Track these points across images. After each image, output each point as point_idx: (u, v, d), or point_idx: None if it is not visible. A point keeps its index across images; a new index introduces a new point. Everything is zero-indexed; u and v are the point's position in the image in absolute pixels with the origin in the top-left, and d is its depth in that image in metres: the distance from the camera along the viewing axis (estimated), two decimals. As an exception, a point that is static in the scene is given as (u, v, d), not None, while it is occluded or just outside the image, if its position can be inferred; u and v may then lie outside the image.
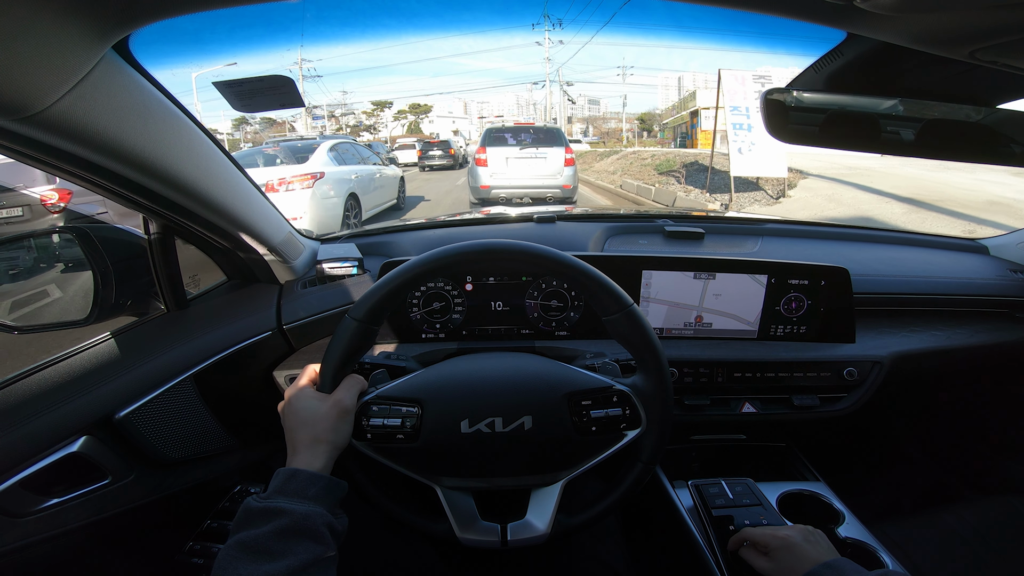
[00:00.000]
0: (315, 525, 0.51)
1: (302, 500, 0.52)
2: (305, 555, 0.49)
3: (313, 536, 0.51)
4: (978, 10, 0.41)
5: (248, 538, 0.49)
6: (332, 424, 0.59)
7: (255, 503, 0.52)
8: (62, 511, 0.73)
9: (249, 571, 0.47)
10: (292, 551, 0.49)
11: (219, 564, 0.48)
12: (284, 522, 0.50)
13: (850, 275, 1.03)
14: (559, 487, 0.66)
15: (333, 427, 0.59)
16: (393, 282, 0.61)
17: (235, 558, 0.48)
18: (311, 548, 0.50)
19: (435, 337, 1.01)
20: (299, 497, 0.53)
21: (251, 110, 0.70)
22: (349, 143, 7.81)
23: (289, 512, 0.50)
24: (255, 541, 0.49)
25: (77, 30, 0.45)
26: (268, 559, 0.48)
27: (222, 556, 0.49)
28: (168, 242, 0.87)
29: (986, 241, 1.40)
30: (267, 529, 0.49)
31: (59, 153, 0.58)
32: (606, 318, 0.64)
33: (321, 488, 0.54)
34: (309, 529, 0.51)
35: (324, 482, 0.55)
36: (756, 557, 0.71)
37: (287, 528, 0.50)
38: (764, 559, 0.69)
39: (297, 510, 0.51)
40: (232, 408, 0.93)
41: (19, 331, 0.90)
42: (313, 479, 0.55)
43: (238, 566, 0.47)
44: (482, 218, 1.54)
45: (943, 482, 1.39)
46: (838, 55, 0.63)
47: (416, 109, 56.89)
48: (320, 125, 37.84)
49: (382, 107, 53.62)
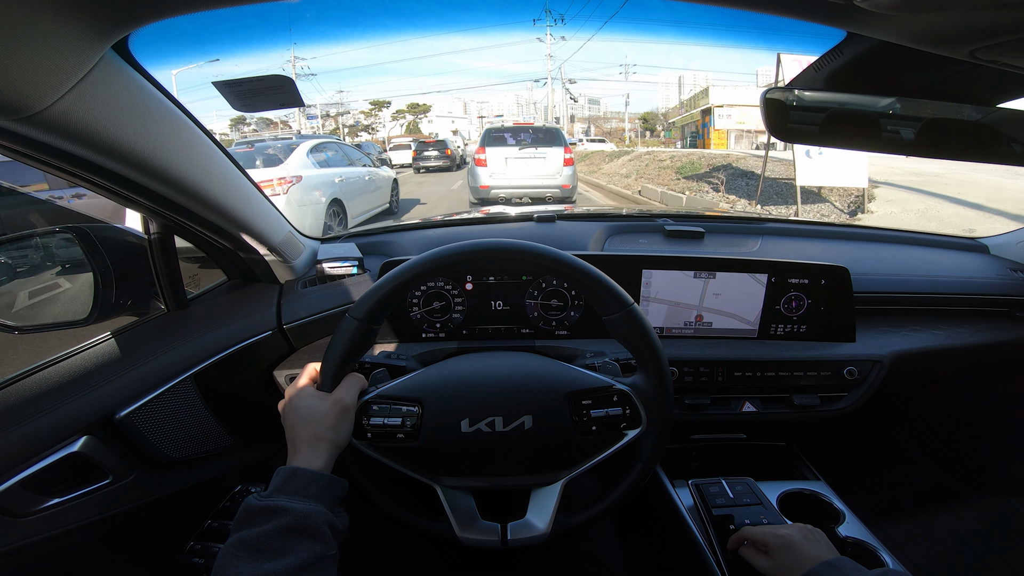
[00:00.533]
0: (316, 524, 0.51)
1: (303, 499, 0.53)
2: (306, 554, 0.49)
3: (314, 535, 0.51)
4: (978, 9, 0.41)
5: (249, 537, 0.49)
6: (332, 423, 0.59)
7: (256, 502, 0.52)
8: (62, 511, 0.73)
9: (250, 570, 0.47)
10: (293, 550, 0.49)
11: (220, 563, 0.48)
12: (285, 521, 0.50)
13: (850, 274, 1.03)
14: (559, 487, 0.66)
15: (333, 426, 0.59)
16: (394, 281, 0.61)
17: (236, 556, 0.48)
18: (312, 547, 0.50)
19: (435, 337, 1.01)
20: (300, 496, 0.53)
21: (251, 110, 0.70)
22: (334, 143, 7.31)
23: (290, 511, 0.51)
24: (256, 540, 0.49)
25: (77, 30, 0.45)
26: (269, 558, 0.48)
27: (223, 555, 0.49)
28: (168, 242, 0.87)
29: (986, 240, 1.40)
30: (268, 528, 0.49)
31: (59, 153, 0.57)
32: (606, 318, 0.64)
33: (322, 487, 0.55)
34: (310, 528, 0.51)
35: (325, 481, 0.55)
36: (756, 556, 0.71)
37: (288, 527, 0.50)
38: (764, 558, 0.69)
39: (298, 509, 0.51)
40: (232, 408, 0.93)
41: (19, 331, 0.90)
42: (314, 478, 0.55)
43: (239, 564, 0.47)
44: (482, 218, 1.54)
45: (943, 481, 1.39)
46: (838, 54, 0.63)
47: (415, 109, 56.02)
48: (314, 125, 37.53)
49: (380, 107, 52.82)
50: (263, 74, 0.66)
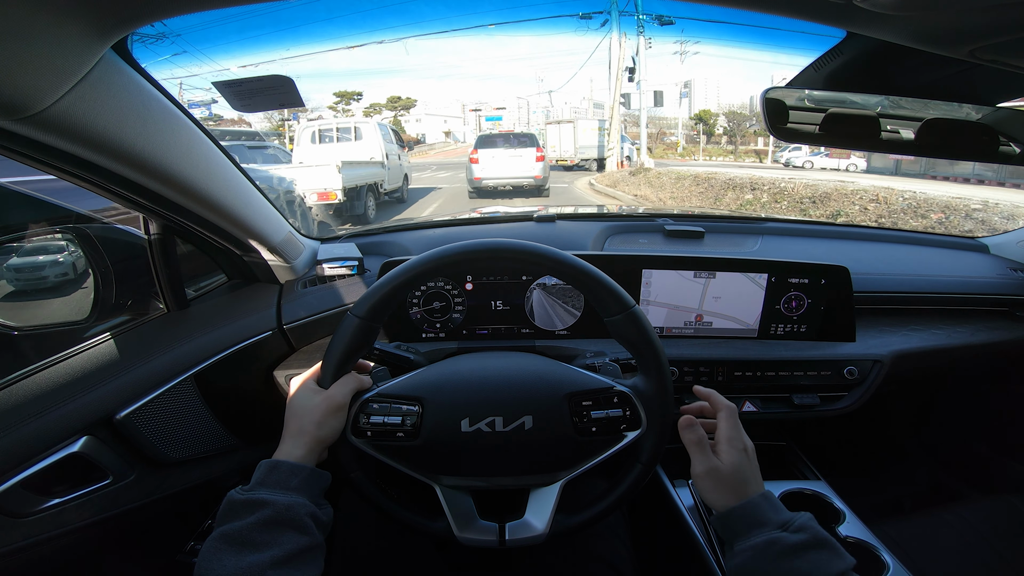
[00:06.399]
0: (298, 515, 0.51)
1: (284, 491, 0.53)
2: (289, 545, 0.49)
3: (296, 527, 0.51)
4: (978, 9, 0.41)
5: (231, 530, 0.49)
6: (319, 418, 0.59)
7: (238, 495, 0.52)
8: (63, 511, 0.73)
9: (234, 563, 0.47)
10: (276, 542, 0.49)
11: (203, 557, 0.48)
12: (267, 513, 0.50)
13: (850, 274, 1.03)
14: (558, 487, 0.66)
15: (319, 421, 0.59)
16: (395, 280, 0.61)
17: (219, 550, 0.48)
18: (295, 539, 0.50)
19: (435, 336, 1.01)
20: (281, 488, 0.53)
21: (250, 110, 0.71)
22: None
23: (272, 503, 0.51)
24: (238, 533, 0.49)
25: (77, 30, 0.45)
26: (252, 550, 0.48)
27: (206, 549, 0.49)
28: (168, 242, 0.87)
29: (986, 240, 1.40)
30: (250, 520, 0.50)
31: (59, 153, 0.58)
32: (608, 319, 0.64)
33: (303, 479, 0.55)
34: (292, 520, 0.51)
35: (306, 473, 0.55)
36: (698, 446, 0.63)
37: (270, 519, 0.50)
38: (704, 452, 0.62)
39: (280, 501, 0.51)
40: (232, 408, 0.93)
41: (19, 331, 0.90)
42: (295, 470, 0.55)
43: (223, 558, 0.47)
44: (482, 218, 1.54)
45: (943, 481, 1.39)
46: (838, 54, 0.63)
47: (395, 103, 46.42)
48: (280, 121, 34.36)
49: (348, 99, 43.22)
50: (263, 75, 0.66)
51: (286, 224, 1.02)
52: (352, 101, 44.06)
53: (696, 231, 1.26)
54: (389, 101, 47.43)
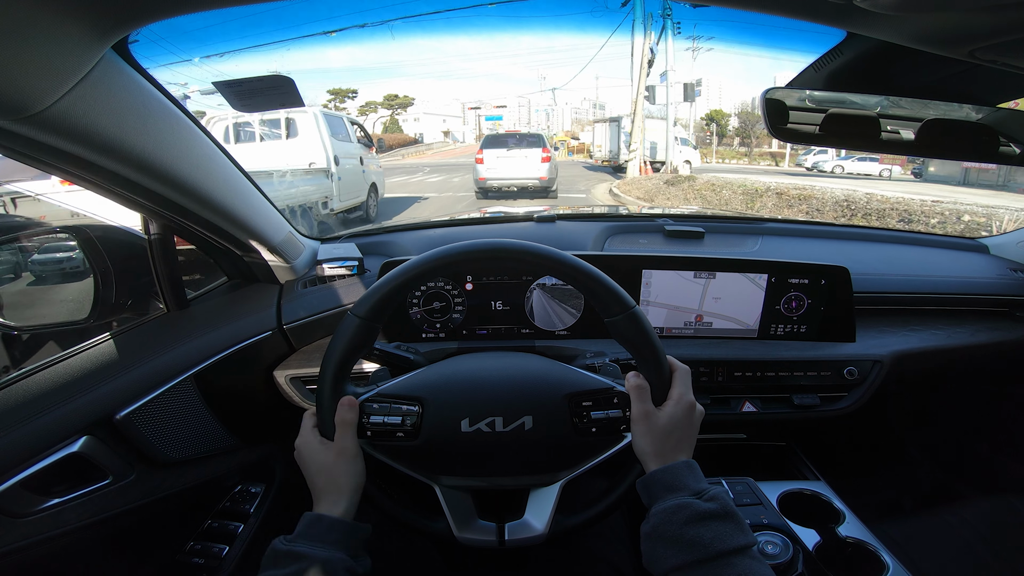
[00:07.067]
0: (334, 570, 0.54)
1: (323, 545, 0.55)
2: None
3: None
4: (978, 10, 0.41)
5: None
6: (344, 468, 0.61)
7: (281, 546, 0.55)
8: (63, 511, 0.73)
9: None
10: None
11: None
12: (304, 566, 0.53)
13: (850, 274, 1.03)
14: (558, 487, 0.66)
15: (345, 471, 0.61)
16: (396, 280, 0.61)
17: None
18: None
19: (435, 337, 1.01)
20: (320, 542, 0.55)
21: (250, 110, 0.71)
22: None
23: (310, 557, 0.53)
24: None
25: (77, 30, 0.45)
26: None
27: None
28: (168, 242, 0.87)
29: (986, 240, 1.40)
30: (289, 571, 0.52)
31: (59, 153, 0.57)
32: (608, 319, 0.64)
33: (342, 532, 0.57)
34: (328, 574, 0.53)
35: (345, 528, 0.58)
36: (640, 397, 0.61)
37: (307, 573, 0.52)
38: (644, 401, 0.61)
39: (318, 556, 0.54)
40: (232, 408, 0.93)
41: (19, 331, 0.90)
42: (334, 525, 0.57)
43: None
44: (482, 218, 1.54)
45: (943, 481, 1.39)
46: (838, 54, 0.63)
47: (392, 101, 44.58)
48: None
49: (342, 96, 41.17)
50: (264, 74, 0.66)
51: (286, 224, 1.02)
52: (347, 99, 42.73)
53: (696, 231, 1.26)
54: (386, 99, 46.47)
